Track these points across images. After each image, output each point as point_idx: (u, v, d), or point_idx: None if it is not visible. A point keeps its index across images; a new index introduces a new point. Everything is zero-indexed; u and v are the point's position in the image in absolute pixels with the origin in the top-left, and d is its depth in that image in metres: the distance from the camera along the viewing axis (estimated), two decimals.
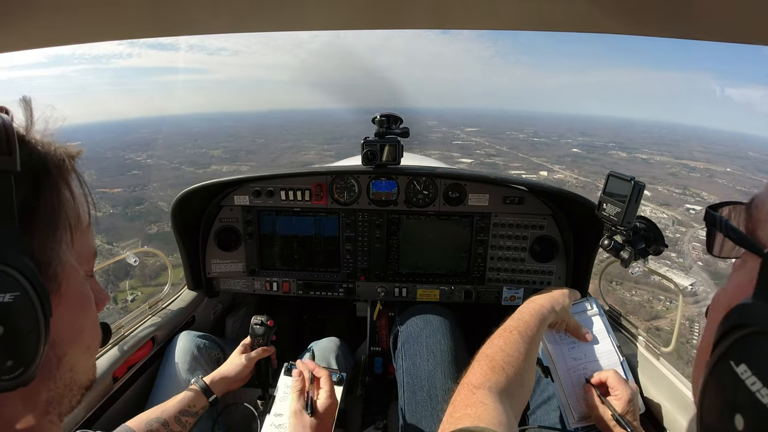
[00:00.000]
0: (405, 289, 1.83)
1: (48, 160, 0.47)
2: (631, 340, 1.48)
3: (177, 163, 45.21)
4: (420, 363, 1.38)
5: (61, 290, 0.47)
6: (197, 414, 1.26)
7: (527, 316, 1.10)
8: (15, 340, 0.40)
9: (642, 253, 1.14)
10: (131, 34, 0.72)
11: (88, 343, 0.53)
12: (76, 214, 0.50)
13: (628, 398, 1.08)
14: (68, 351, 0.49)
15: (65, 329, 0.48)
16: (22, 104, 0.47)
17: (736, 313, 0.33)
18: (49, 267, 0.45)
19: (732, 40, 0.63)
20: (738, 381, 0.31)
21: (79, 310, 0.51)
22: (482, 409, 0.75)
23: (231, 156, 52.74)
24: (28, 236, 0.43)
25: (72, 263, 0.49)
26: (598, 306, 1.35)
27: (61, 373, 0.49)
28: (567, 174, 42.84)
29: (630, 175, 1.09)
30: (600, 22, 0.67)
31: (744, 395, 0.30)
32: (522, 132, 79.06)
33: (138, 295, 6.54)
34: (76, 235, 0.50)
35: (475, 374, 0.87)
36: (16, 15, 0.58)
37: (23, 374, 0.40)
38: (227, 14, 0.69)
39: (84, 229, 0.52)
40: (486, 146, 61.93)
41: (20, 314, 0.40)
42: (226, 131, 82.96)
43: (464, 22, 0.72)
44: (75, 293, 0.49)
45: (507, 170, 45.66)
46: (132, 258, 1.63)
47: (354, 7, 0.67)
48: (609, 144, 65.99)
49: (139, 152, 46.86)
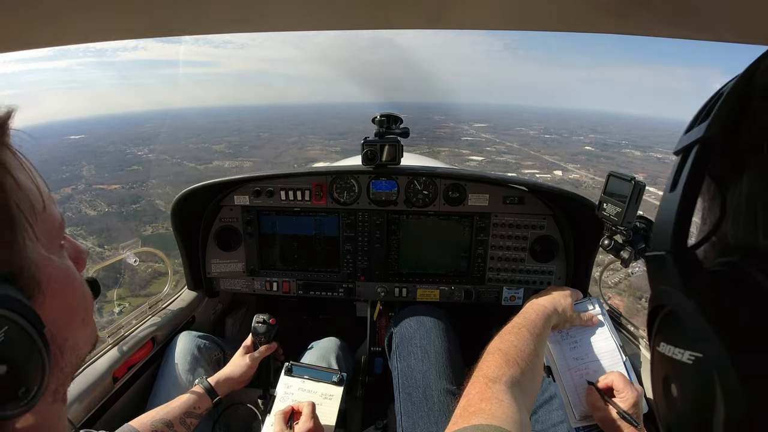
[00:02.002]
0: (405, 289, 1.83)
1: None
2: (633, 340, 1.48)
3: (179, 158, 44.89)
4: (415, 364, 1.38)
5: (42, 287, 0.43)
6: (201, 415, 1.26)
7: (533, 314, 1.10)
8: (21, 370, 0.38)
9: (642, 252, 1.14)
10: (130, 34, 0.72)
11: (82, 316, 0.50)
12: (27, 201, 0.42)
13: (633, 401, 1.08)
14: (67, 336, 0.46)
15: (57, 318, 0.44)
16: None
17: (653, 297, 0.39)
18: (21, 274, 0.41)
19: (731, 40, 0.63)
20: (662, 356, 0.37)
21: (65, 290, 0.47)
22: (497, 406, 0.74)
23: (234, 151, 52.38)
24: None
25: (42, 254, 0.44)
26: (600, 306, 1.35)
27: (66, 359, 0.46)
28: (583, 174, 42.13)
29: (630, 175, 1.09)
30: (597, 21, 0.67)
31: (669, 364, 0.36)
32: (532, 128, 78.48)
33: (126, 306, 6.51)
34: (38, 222, 0.43)
35: (489, 367, 0.87)
36: (19, 14, 0.58)
37: (39, 391, 0.39)
38: (225, 15, 0.69)
39: (41, 212, 0.45)
40: (496, 143, 61.36)
41: (16, 345, 0.37)
42: (231, 125, 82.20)
43: (462, 22, 0.72)
44: (56, 278, 0.45)
45: (519, 169, 44.56)
46: (132, 258, 1.63)
47: (353, 7, 0.67)
48: (622, 142, 65.51)
49: (141, 146, 46.53)
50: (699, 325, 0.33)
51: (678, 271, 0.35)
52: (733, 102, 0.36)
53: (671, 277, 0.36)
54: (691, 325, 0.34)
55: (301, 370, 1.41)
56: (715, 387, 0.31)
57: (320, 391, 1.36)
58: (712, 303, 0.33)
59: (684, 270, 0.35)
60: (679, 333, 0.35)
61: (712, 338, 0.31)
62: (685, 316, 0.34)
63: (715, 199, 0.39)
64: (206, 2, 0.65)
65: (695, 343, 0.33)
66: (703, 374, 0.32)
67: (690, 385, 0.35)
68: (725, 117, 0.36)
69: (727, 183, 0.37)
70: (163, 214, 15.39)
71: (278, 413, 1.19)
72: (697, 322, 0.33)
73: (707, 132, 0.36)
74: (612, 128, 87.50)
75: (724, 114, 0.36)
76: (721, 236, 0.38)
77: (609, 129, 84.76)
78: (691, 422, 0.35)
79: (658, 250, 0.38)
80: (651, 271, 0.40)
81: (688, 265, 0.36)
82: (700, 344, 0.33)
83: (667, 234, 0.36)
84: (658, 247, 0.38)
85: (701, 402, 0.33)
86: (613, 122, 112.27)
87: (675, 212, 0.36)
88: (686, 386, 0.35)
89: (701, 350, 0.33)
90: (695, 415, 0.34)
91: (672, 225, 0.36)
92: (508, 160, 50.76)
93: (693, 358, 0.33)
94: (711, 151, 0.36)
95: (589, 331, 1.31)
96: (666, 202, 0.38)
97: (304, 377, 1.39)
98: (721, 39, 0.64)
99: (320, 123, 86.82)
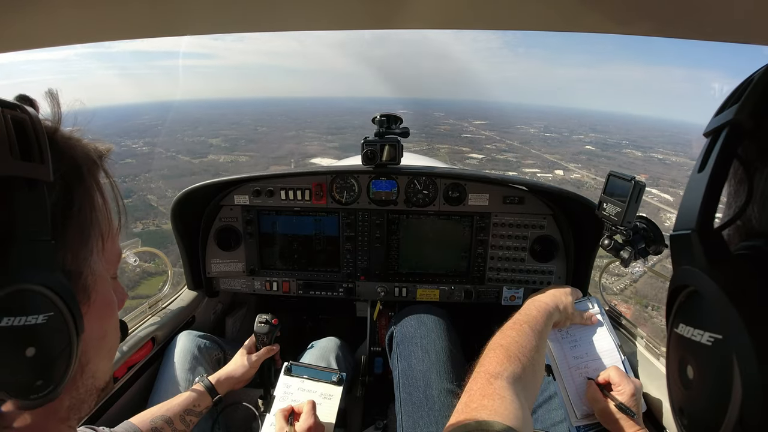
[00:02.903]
0: (405, 289, 1.83)
1: (80, 163, 0.44)
2: (631, 339, 1.48)
3: (174, 151, 44.18)
4: (415, 364, 1.38)
5: (91, 300, 0.45)
6: (201, 414, 1.26)
7: (534, 311, 1.11)
8: (46, 361, 0.38)
9: (642, 253, 1.14)
10: (127, 34, 0.72)
11: (110, 347, 0.52)
12: (107, 219, 0.48)
13: (631, 393, 1.10)
14: (92, 358, 0.48)
15: (91, 337, 0.46)
16: (48, 98, 0.44)
17: (675, 277, 0.39)
18: (80, 278, 0.44)
19: (732, 40, 0.63)
20: (680, 338, 0.38)
21: (106, 316, 0.49)
22: (500, 402, 0.74)
23: (230, 145, 51.84)
24: (61, 248, 0.41)
25: (101, 271, 0.47)
26: (599, 305, 1.35)
27: (84, 380, 0.47)
28: (584, 173, 41.55)
29: (630, 175, 1.09)
30: (598, 21, 0.67)
31: (687, 346, 0.37)
32: (532, 126, 77.90)
33: None
34: (108, 242, 0.48)
35: (491, 362, 0.86)
36: (15, 14, 0.57)
37: (52, 392, 0.39)
38: (223, 15, 0.69)
39: (114, 235, 0.50)
40: (496, 140, 60.72)
41: (53, 335, 0.38)
42: (228, 118, 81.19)
43: (473, 22, 0.72)
44: (103, 301, 0.48)
45: (520, 168, 43.88)
46: (132, 258, 1.63)
47: (352, 7, 0.67)
48: (622, 142, 65.06)
49: (136, 139, 45.73)
50: (721, 307, 0.32)
51: (703, 250, 0.35)
52: (764, 87, 0.36)
53: (696, 257, 0.36)
54: (712, 306, 0.33)
55: (301, 370, 1.41)
56: (733, 369, 0.31)
57: (320, 391, 1.36)
58: (735, 285, 0.33)
59: (709, 250, 0.35)
60: (699, 314, 0.35)
61: (734, 320, 0.31)
62: (707, 297, 0.34)
63: (742, 183, 0.39)
64: (206, 2, 0.65)
65: (716, 325, 0.33)
66: (722, 356, 0.32)
67: (708, 366, 0.35)
68: (755, 101, 0.36)
69: (755, 168, 0.37)
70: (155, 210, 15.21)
71: (278, 412, 1.19)
72: (719, 303, 0.33)
73: (737, 115, 0.36)
74: (611, 128, 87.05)
75: (755, 98, 0.36)
76: (746, 220, 0.38)
77: (609, 128, 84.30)
78: (706, 404, 0.35)
79: (684, 229, 0.37)
80: (674, 251, 0.40)
81: (713, 245, 0.35)
82: (721, 325, 0.33)
83: (694, 213, 0.36)
84: (684, 226, 0.37)
85: (718, 384, 0.33)
86: (612, 122, 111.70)
87: (702, 192, 0.36)
88: (704, 368, 0.35)
89: (721, 332, 0.33)
90: (711, 397, 0.34)
91: (699, 205, 0.36)
92: (509, 158, 50.15)
93: (712, 339, 0.33)
94: (740, 134, 0.36)
95: (588, 330, 1.31)
96: (694, 182, 0.38)
97: (303, 377, 1.39)
98: (722, 39, 0.64)
99: (318, 117, 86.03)
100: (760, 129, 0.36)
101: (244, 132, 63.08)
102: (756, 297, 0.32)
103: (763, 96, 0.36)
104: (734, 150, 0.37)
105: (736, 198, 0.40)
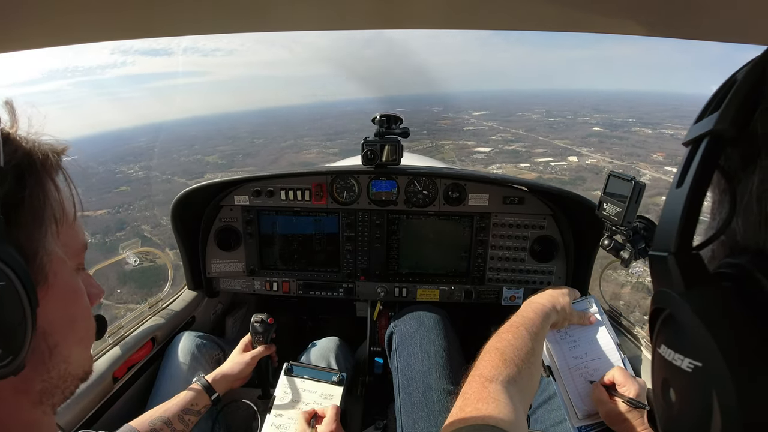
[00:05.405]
0: (405, 289, 1.83)
1: (33, 155, 0.48)
2: (631, 339, 1.48)
3: (169, 173, 43.85)
4: (414, 364, 1.38)
5: (49, 281, 0.48)
6: (200, 413, 1.26)
7: (531, 313, 1.10)
8: (2, 329, 0.41)
9: (642, 253, 1.14)
10: (125, 34, 0.72)
11: (81, 335, 0.54)
12: (61, 207, 0.51)
13: (636, 392, 1.09)
14: (60, 341, 0.50)
15: (55, 320, 0.49)
16: (5, 106, 0.49)
17: (655, 298, 0.38)
18: (35, 257, 0.46)
19: (731, 40, 0.63)
20: (662, 359, 0.36)
21: (70, 301, 0.52)
22: (494, 406, 0.74)
23: (227, 161, 51.39)
24: (14, 227, 0.44)
25: (59, 254, 0.50)
26: (598, 305, 1.35)
27: (54, 364, 0.50)
28: (599, 157, 39.05)
29: (630, 175, 1.09)
30: (597, 21, 0.67)
31: (669, 368, 0.35)
32: (534, 112, 75.51)
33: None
34: (62, 227, 0.51)
35: (486, 366, 0.86)
36: (10, 15, 0.57)
37: (12, 362, 0.41)
38: (221, 15, 0.69)
39: (70, 222, 0.53)
40: (501, 131, 58.53)
41: (6, 303, 0.41)
42: (224, 133, 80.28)
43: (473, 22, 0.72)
44: (64, 284, 0.50)
45: (531, 158, 41.77)
46: (132, 258, 1.63)
47: (350, 7, 0.67)
48: (629, 120, 62.13)
49: (131, 164, 45.43)
50: (699, 334, 0.31)
51: (680, 274, 0.34)
52: (746, 91, 0.33)
53: (673, 280, 0.34)
54: (690, 333, 0.32)
55: (301, 370, 1.41)
56: (712, 399, 0.30)
57: (320, 391, 1.36)
58: (713, 311, 0.31)
59: (686, 273, 0.33)
60: (679, 338, 0.34)
61: (711, 348, 0.30)
62: (684, 323, 0.33)
63: (726, 193, 0.37)
64: (206, 2, 0.65)
65: (695, 351, 0.32)
66: (702, 385, 0.31)
67: (688, 393, 0.34)
68: (737, 108, 0.33)
69: (738, 179, 0.35)
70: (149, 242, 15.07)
71: (301, 413, 1.21)
72: (696, 329, 0.31)
73: (718, 124, 0.34)
74: (615, 106, 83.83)
75: (737, 104, 0.33)
76: (730, 234, 0.37)
77: (612, 107, 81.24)
78: (687, 429, 0.34)
79: (661, 251, 0.35)
80: (653, 271, 0.38)
81: (690, 269, 0.34)
82: (700, 353, 0.31)
83: (672, 234, 0.34)
84: (662, 247, 0.36)
85: (699, 412, 0.32)
86: (615, 100, 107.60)
87: (680, 211, 0.34)
88: (685, 394, 0.34)
89: (701, 359, 0.31)
90: (692, 424, 0.33)
91: (676, 224, 0.34)
92: (518, 148, 47.38)
93: (692, 366, 0.32)
94: (721, 143, 0.34)
95: (587, 330, 1.31)
96: (672, 198, 0.36)
97: (304, 377, 1.39)
98: (721, 39, 0.64)
99: (315, 124, 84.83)
100: (742, 136, 0.34)
101: (240, 146, 62.34)
102: (735, 324, 0.31)
103: (745, 101, 0.33)
104: (715, 162, 0.35)
105: (720, 208, 0.38)
